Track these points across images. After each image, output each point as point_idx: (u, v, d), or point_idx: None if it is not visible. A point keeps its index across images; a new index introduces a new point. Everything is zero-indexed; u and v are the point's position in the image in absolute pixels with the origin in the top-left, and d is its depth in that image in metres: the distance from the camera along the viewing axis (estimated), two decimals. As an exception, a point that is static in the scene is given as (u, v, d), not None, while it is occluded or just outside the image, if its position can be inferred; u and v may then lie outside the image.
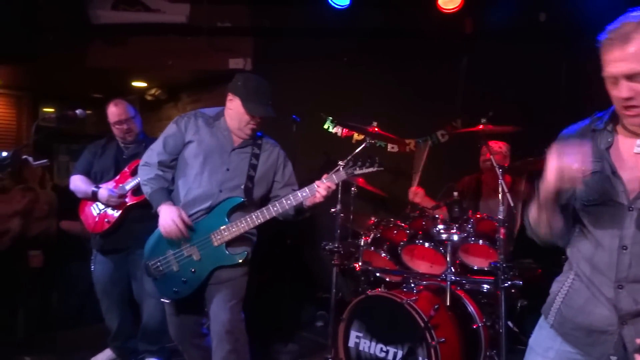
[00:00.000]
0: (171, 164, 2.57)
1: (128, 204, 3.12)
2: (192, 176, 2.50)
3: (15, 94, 5.90)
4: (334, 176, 2.43)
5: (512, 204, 2.92)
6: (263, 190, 2.61)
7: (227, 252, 2.44)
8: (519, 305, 3.16)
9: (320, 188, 2.39)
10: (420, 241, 3.20)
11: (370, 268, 3.37)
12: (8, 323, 3.90)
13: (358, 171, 2.43)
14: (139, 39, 4.72)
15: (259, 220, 2.43)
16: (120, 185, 3.14)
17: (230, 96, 2.52)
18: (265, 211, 2.43)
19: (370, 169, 2.43)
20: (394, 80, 4.46)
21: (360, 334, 2.87)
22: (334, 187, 2.44)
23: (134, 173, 3.11)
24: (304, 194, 2.42)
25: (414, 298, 2.75)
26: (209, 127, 2.56)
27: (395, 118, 4.08)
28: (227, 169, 2.51)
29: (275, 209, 2.42)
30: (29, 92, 5.94)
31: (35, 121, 5.78)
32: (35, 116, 5.92)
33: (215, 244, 2.43)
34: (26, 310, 3.98)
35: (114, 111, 3.21)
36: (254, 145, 2.59)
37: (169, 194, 2.53)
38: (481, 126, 3.05)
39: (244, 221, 2.42)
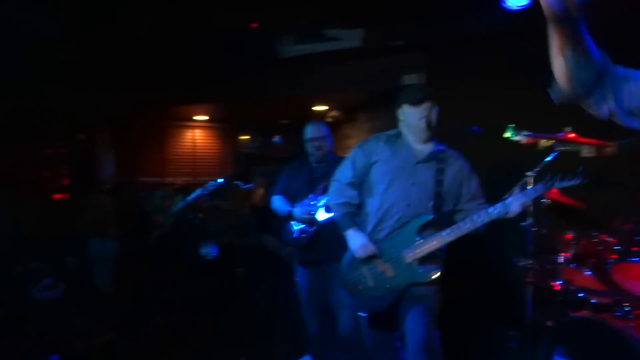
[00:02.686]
0: (359, 186, 2.70)
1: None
2: (380, 193, 2.60)
3: (219, 126, 6.87)
4: (530, 190, 2.31)
5: None
6: (450, 205, 2.60)
7: (419, 270, 2.48)
8: None
9: (515, 204, 2.29)
10: (637, 258, 2.81)
11: (572, 288, 3.07)
12: (223, 327, 4.50)
13: (558, 184, 2.27)
14: (319, 66, 5.11)
15: (450, 238, 2.43)
16: (312, 203, 3.41)
17: (399, 109, 2.63)
18: (456, 229, 2.41)
19: (573, 182, 2.24)
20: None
21: (566, 361, 2.63)
22: (529, 202, 2.31)
23: (324, 191, 3.35)
24: (497, 211, 2.34)
25: (633, 324, 2.43)
26: (390, 144, 2.65)
27: (587, 118, 3.66)
28: (413, 183, 2.55)
29: (466, 226, 2.39)
30: (229, 123, 6.85)
31: (239, 149, 6.62)
32: (235, 144, 6.80)
33: (407, 261, 2.49)
34: (238, 315, 4.54)
35: (309, 129, 3.49)
36: (438, 160, 2.59)
37: (354, 218, 2.67)
38: None
39: (434, 239, 2.44)
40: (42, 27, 4.12)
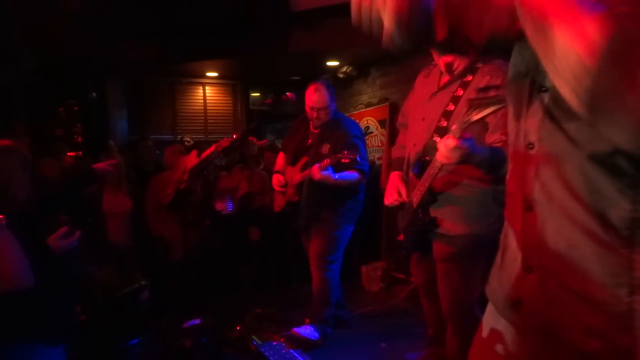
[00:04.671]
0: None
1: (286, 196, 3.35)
2: (405, 134, 2.41)
3: (230, 83, 6.77)
4: None
5: None
6: None
7: (424, 217, 2.19)
8: None
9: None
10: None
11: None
12: (238, 280, 4.60)
13: None
14: (332, 21, 4.94)
15: (435, 175, 2.04)
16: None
17: None
18: (432, 164, 2.05)
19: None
20: None
21: None
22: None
23: (302, 169, 3.23)
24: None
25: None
26: (425, 78, 2.31)
27: None
28: (423, 119, 2.20)
29: (437, 163, 2.00)
30: (240, 80, 6.75)
31: (250, 106, 6.54)
32: (246, 101, 6.72)
33: (414, 206, 2.22)
34: (251, 270, 4.63)
35: (310, 96, 3.21)
36: (462, 83, 2.09)
37: (400, 162, 2.41)
38: None
39: (424, 178, 2.10)
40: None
